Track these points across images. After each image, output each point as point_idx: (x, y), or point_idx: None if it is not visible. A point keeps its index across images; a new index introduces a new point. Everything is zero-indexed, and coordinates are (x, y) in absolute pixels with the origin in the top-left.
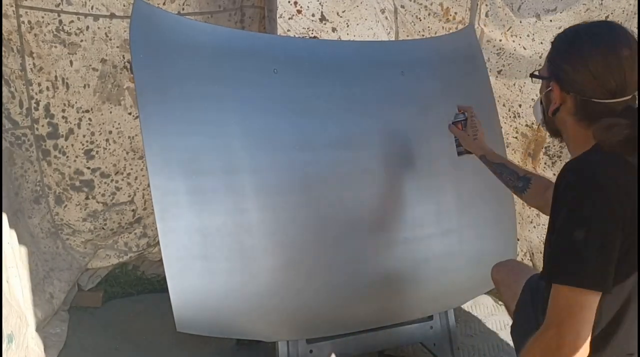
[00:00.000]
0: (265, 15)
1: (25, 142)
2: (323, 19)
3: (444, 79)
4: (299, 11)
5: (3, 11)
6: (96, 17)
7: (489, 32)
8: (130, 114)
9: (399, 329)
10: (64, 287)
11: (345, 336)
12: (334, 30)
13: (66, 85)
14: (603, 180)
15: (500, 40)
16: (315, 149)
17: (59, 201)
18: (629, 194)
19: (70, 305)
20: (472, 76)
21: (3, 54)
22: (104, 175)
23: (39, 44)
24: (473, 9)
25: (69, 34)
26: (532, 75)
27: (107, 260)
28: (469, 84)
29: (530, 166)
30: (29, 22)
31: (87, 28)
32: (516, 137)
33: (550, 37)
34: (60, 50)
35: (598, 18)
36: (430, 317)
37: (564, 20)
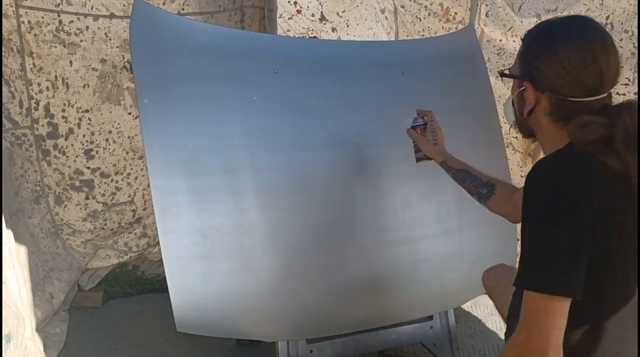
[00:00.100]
0: (265, 15)
1: (25, 142)
2: (323, 19)
3: (444, 79)
4: (299, 11)
5: (3, 11)
6: (96, 17)
7: (489, 32)
8: (129, 113)
9: (399, 329)
10: (63, 287)
11: (345, 336)
12: (333, 30)
13: (66, 85)
14: (572, 182)
15: (501, 40)
16: (315, 149)
17: (58, 200)
18: (602, 197)
19: (70, 305)
20: (472, 76)
21: (3, 54)
22: (104, 175)
23: (38, 44)
24: (473, 9)
25: (68, 34)
26: (502, 74)
27: (107, 260)
28: (469, 84)
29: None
30: (29, 22)
31: (87, 28)
32: (516, 137)
33: None
34: (60, 50)
35: (599, 18)
36: (430, 317)
37: None
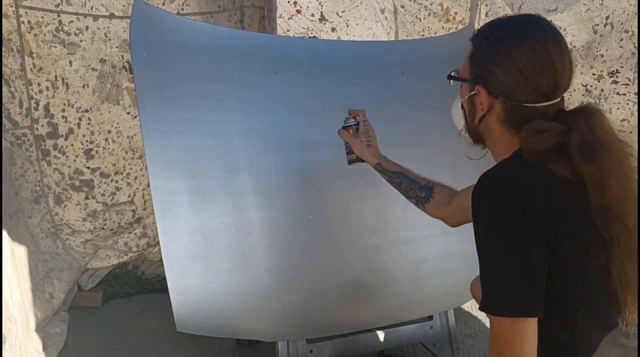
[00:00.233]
0: (265, 15)
1: (25, 142)
2: (323, 19)
3: (444, 79)
4: (299, 11)
5: (3, 11)
6: (95, 17)
7: None
8: (128, 113)
9: (399, 329)
10: (63, 287)
11: (345, 336)
12: (333, 30)
13: (66, 85)
14: (521, 196)
15: None
16: (315, 149)
17: (58, 200)
18: (554, 208)
19: (70, 305)
20: None
21: (3, 54)
22: (104, 175)
23: (38, 44)
24: (473, 9)
25: (68, 34)
26: (451, 77)
27: (107, 260)
28: None
29: None
30: (29, 22)
31: (87, 28)
32: None
33: None
34: (59, 50)
35: (598, 18)
36: (430, 317)
37: (564, 20)
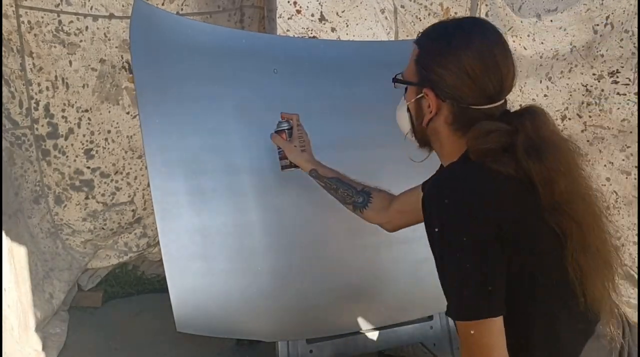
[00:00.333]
0: (265, 15)
1: (25, 142)
2: (322, 19)
3: None
4: (299, 11)
5: (3, 11)
6: (95, 17)
7: None
8: (128, 113)
9: (398, 329)
10: (63, 287)
11: (345, 336)
12: (333, 30)
13: (66, 85)
14: (470, 200)
15: None
16: (315, 149)
17: (58, 200)
18: (504, 208)
19: (70, 305)
20: None
21: (3, 54)
22: (104, 175)
23: (38, 44)
24: (473, 9)
25: (68, 34)
26: (397, 80)
27: (107, 260)
28: None
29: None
30: (29, 22)
31: (87, 28)
32: None
33: (551, 37)
34: (59, 50)
35: (599, 18)
36: (430, 317)
37: (564, 21)
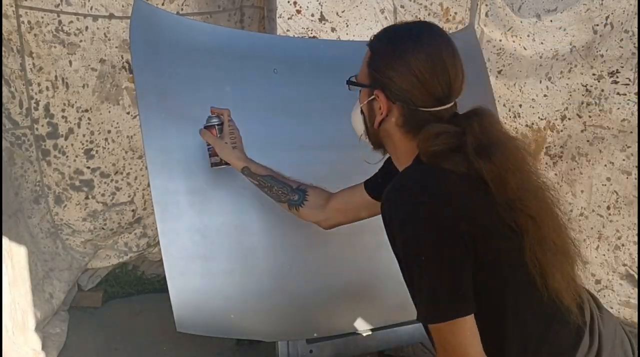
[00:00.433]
0: (265, 15)
1: (25, 142)
2: (322, 19)
3: None
4: (299, 11)
5: (3, 11)
6: (95, 17)
7: (489, 32)
8: (128, 113)
9: (398, 329)
10: (63, 287)
11: (345, 336)
12: (333, 30)
13: (66, 85)
14: (425, 198)
15: (500, 41)
16: (315, 149)
17: (58, 200)
18: (461, 207)
19: (70, 305)
20: (472, 76)
21: (3, 54)
22: (104, 175)
23: (38, 44)
24: (473, 9)
25: (68, 34)
26: (350, 82)
27: (107, 260)
28: (468, 84)
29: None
30: (29, 22)
31: (87, 28)
32: None
33: (550, 37)
34: (59, 50)
35: (598, 18)
36: None
37: (564, 21)
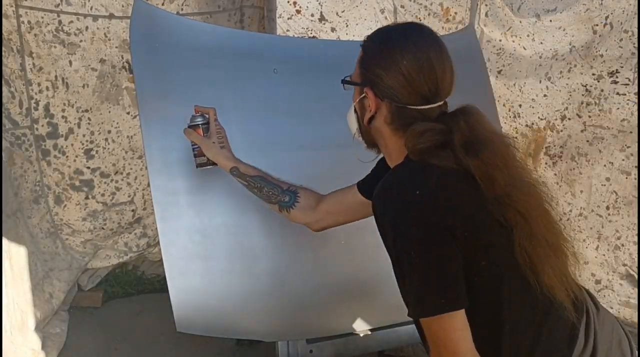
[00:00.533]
0: (265, 15)
1: (25, 142)
2: (322, 19)
3: None
4: (298, 11)
5: (3, 11)
6: (95, 17)
7: (489, 32)
8: (128, 113)
9: (399, 329)
10: (63, 287)
11: (345, 336)
12: (333, 30)
13: (66, 85)
14: (415, 195)
15: (500, 41)
16: (316, 149)
17: (58, 200)
18: (451, 204)
19: (70, 305)
20: (472, 76)
21: (3, 54)
22: (104, 175)
23: (38, 44)
24: (473, 9)
25: (68, 34)
26: (344, 81)
27: (107, 260)
28: (469, 84)
29: (530, 167)
30: (29, 22)
31: (87, 28)
32: (516, 137)
33: (550, 37)
34: (59, 50)
35: (598, 18)
36: None
37: (564, 21)
